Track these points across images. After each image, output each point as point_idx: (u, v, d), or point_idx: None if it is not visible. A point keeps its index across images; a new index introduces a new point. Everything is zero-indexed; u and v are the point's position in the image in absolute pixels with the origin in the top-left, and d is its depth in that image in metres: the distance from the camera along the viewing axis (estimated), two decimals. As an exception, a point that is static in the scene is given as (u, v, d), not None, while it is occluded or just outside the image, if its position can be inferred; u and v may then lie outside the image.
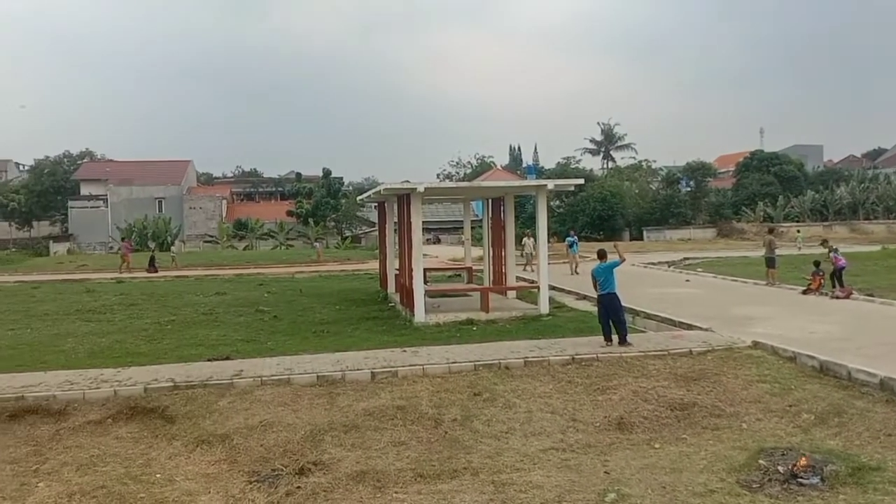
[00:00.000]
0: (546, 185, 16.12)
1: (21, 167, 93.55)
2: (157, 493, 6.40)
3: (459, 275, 24.07)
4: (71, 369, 10.84)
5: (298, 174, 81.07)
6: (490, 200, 19.88)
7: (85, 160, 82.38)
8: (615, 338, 11.50)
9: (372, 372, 10.07)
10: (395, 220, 19.41)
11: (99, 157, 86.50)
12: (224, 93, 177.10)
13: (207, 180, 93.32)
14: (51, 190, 71.42)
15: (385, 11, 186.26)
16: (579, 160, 75.93)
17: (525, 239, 26.28)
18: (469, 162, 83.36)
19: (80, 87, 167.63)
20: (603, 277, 11.78)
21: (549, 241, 17.63)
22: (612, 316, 11.64)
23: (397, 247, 19.32)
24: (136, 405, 8.83)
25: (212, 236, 65.55)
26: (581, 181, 20.99)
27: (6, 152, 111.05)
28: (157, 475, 6.85)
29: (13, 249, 61.48)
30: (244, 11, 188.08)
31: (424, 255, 16.37)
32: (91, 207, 68.20)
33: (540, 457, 7.12)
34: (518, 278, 18.91)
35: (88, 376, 10.21)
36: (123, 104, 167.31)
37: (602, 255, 12.25)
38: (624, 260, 12.15)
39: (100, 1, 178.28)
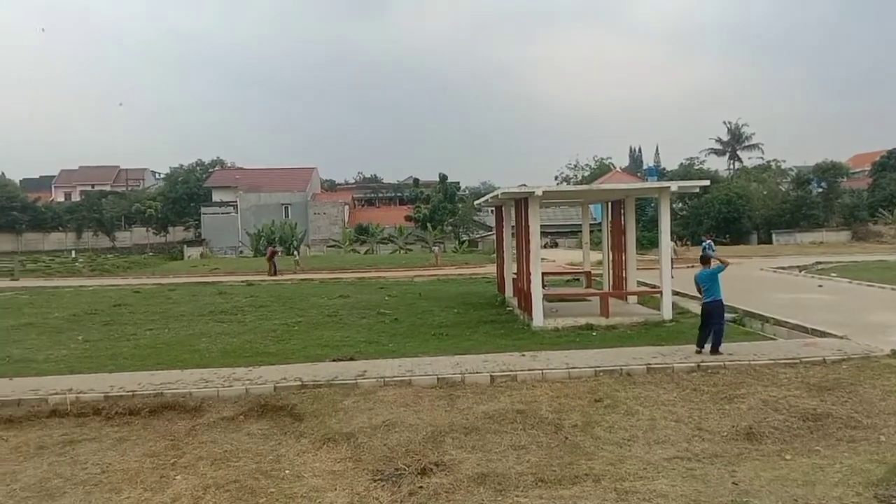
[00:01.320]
0: (669, 188, 15.63)
1: (157, 175, 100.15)
2: (286, 488, 6.64)
3: (578, 279, 23.74)
4: (205, 368, 11.47)
5: (416, 179, 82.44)
6: (610, 203, 19.50)
7: (216, 168, 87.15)
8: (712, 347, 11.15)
9: (491, 375, 10.10)
10: (513, 223, 19.38)
11: (229, 165, 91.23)
12: (346, 102, 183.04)
13: (331, 186, 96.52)
14: (185, 197, 75.81)
15: (500, 14, 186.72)
16: (703, 161, 73.24)
17: (672, 244, 25.37)
18: (587, 164, 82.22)
19: (211, 98, 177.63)
20: (707, 284, 11.33)
21: (676, 245, 17.09)
22: (712, 324, 11.19)
23: (515, 251, 19.29)
24: (267, 403, 9.24)
25: (335, 241, 67.63)
26: (706, 183, 20.27)
27: (144, 162, 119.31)
28: (286, 471, 7.10)
29: (150, 254, 65.85)
30: (360, 19, 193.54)
31: (542, 259, 16.24)
32: (222, 213, 71.94)
33: (664, 465, 6.91)
34: (639, 283, 18.44)
35: (222, 374, 10.78)
36: (252, 114, 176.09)
37: (705, 260, 11.77)
38: (727, 265, 11.63)
39: (228, 21, 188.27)
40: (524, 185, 17.71)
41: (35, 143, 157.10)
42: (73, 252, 65.63)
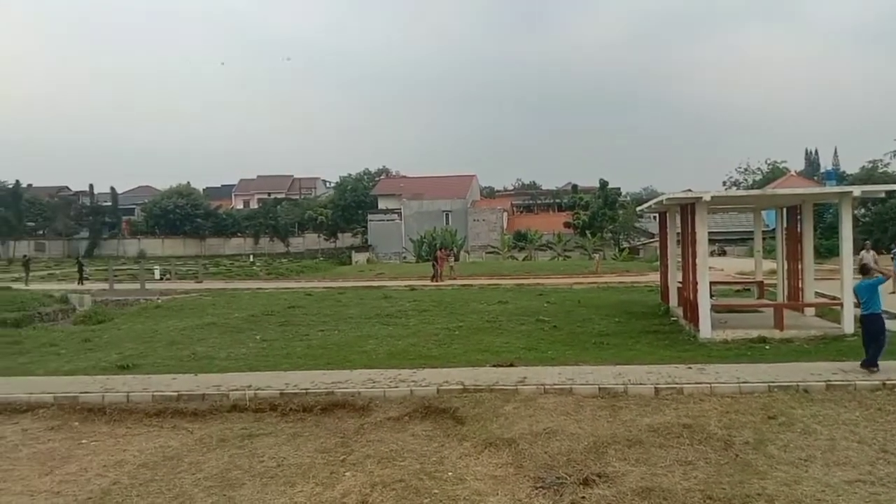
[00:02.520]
0: (851, 192, 14.44)
1: (328, 184, 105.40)
2: (450, 490, 6.72)
3: (749, 289, 22.47)
4: (372, 368, 11.87)
5: (575, 186, 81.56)
6: (784, 209, 18.29)
7: (382, 177, 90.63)
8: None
9: (655, 387, 9.76)
10: (678, 230, 18.65)
11: (394, 173, 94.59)
12: (506, 109, 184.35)
13: (490, 193, 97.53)
14: (353, 204, 79.34)
15: (663, 17, 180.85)
16: (887, 164, 67.02)
17: (863, 252, 23.32)
18: (758, 168, 77.64)
19: (378, 110, 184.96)
20: (866, 297, 10.33)
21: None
22: (870, 338, 10.24)
23: (680, 259, 18.55)
24: (430, 405, 9.43)
25: (493, 247, 68.22)
26: (894, 187, 18.60)
27: (316, 171, 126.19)
28: (450, 473, 7.19)
29: (321, 258, 69.41)
30: (521, 29, 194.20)
31: (710, 267, 15.50)
32: (387, 220, 74.60)
33: (845, 489, 6.36)
34: (817, 293, 17.15)
35: (388, 376, 11.13)
36: (415, 124, 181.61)
37: (865, 270, 10.72)
38: (888, 277, 10.54)
39: (392, 38, 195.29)
40: (690, 190, 17.00)
41: (217, 154, 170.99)
42: (251, 256, 70.66)
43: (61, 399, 10.14)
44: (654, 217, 33.29)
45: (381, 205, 77.41)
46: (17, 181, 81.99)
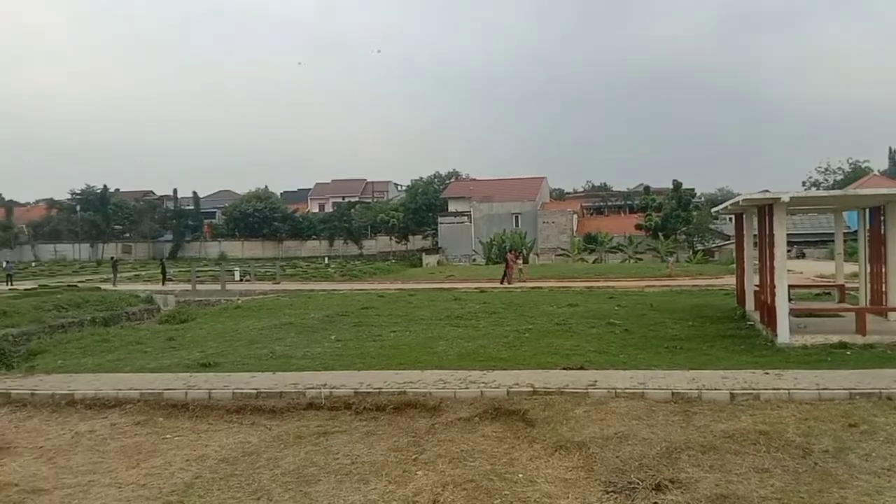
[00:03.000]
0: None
1: (399, 188, 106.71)
2: (520, 492, 6.76)
3: (829, 293, 21.73)
4: (443, 369, 11.97)
5: (647, 187, 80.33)
6: (867, 210, 17.62)
7: (452, 180, 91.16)
8: None
9: (731, 393, 9.57)
10: (755, 232, 18.19)
11: (464, 176, 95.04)
12: (576, 111, 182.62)
13: (559, 195, 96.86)
14: (423, 207, 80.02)
15: (742, 13, 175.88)
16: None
17: None
18: (839, 168, 74.87)
19: (447, 113, 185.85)
20: None
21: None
22: None
23: (756, 261, 18.08)
24: (500, 407, 9.46)
25: (563, 249, 67.70)
26: (983, 188, 17.74)
27: (388, 175, 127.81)
28: (520, 475, 7.22)
29: (393, 260, 70.29)
30: (593, 29, 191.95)
31: (788, 270, 15.07)
32: (457, 223, 74.89)
33: (930, 500, 6.15)
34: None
35: (458, 377, 11.22)
36: (486, 126, 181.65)
37: None
38: None
39: (468, 39, 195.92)
40: (767, 190, 16.53)
41: (294, 159, 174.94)
42: (326, 258, 72.12)
43: (147, 395, 10.58)
44: (730, 219, 32.55)
45: (452, 207, 77.78)
46: (105, 186, 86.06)
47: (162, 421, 9.74)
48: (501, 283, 35.35)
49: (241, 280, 44.42)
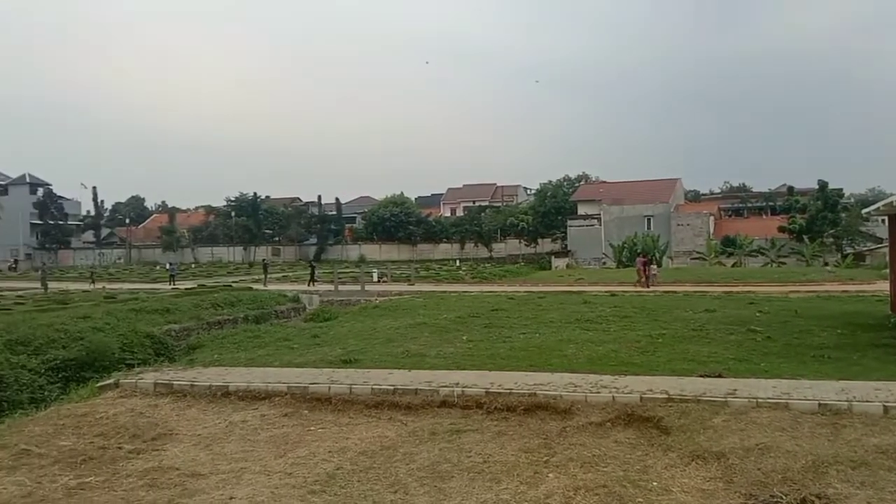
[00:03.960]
0: None
1: (528, 191, 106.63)
2: (654, 500, 6.66)
3: None
4: (573, 373, 11.87)
5: (790, 188, 76.21)
6: None
7: (581, 183, 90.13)
8: None
9: (884, 405, 8.98)
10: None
11: (594, 179, 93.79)
12: (711, 110, 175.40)
13: (694, 197, 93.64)
14: (552, 210, 79.72)
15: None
16: None
17: None
18: None
19: (577, 116, 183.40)
20: None
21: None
22: None
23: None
24: (633, 412, 9.31)
25: (699, 253, 65.32)
26: None
27: (517, 179, 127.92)
28: (654, 483, 7.10)
29: (522, 263, 70.37)
30: (723, 25, 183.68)
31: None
32: (586, 226, 73.98)
33: None
34: None
35: (589, 381, 11.12)
36: (616, 128, 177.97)
37: None
38: None
39: (589, 41, 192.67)
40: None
41: (427, 164, 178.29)
42: (457, 261, 73.21)
43: (294, 388, 11.17)
44: (883, 221, 30.32)
45: (581, 210, 76.88)
46: (255, 193, 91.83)
47: (307, 413, 10.25)
48: (637, 285, 34.70)
49: (378, 281, 45.93)
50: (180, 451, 8.72)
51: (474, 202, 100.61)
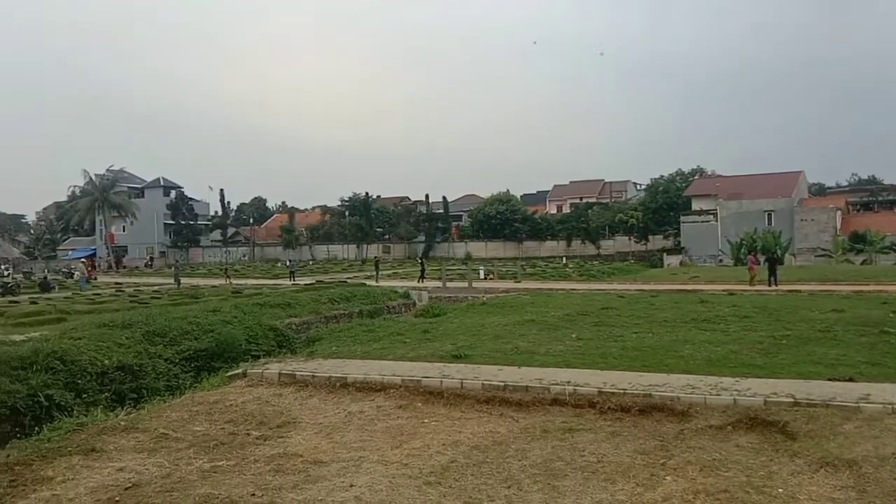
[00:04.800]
0: None
1: (638, 187, 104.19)
2: (780, 507, 6.42)
3: None
4: (690, 374, 11.56)
5: (929, 179, 70.78)
6: None
7: (696, 177, 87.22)
8: None
9: None
10: None
11: (709, 173, 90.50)
12: (837, 99, 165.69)
13: (819, 191, 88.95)
14: (664, 206, 77.55)
15: None
16: None
17: None
18: None
19: (691, 109, 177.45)
20: None
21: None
22: None
23: None
24: (756, 416, 8.96)
25: (824, 249, 61.95)
26: None
27: (626, 174, 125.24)
28: (779, 489, 6.82)
29: (632, 261, 68.93)
30: (845, 12, 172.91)
31: None
32: (701, 222, 71.52)
33: None
34: None
35: (708, 382, 10.80)
36: (731, 121, 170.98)
37: None
38: None
39: (707, 33, 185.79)
40: None
41: (532, 161, 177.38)
42: (564, 258, 72.51)
43: (407, 381, 11.46)
44: None
45: (695, 206, 74.38)
46: (367, 193, 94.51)
47: (420, 406, 10.46)
48: (751, 284, 33.36)
49: (484, 278, 46.17)
50: (303, 438, 9.10)
51: (581, 199, 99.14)
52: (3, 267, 68.11)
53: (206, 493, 7.10)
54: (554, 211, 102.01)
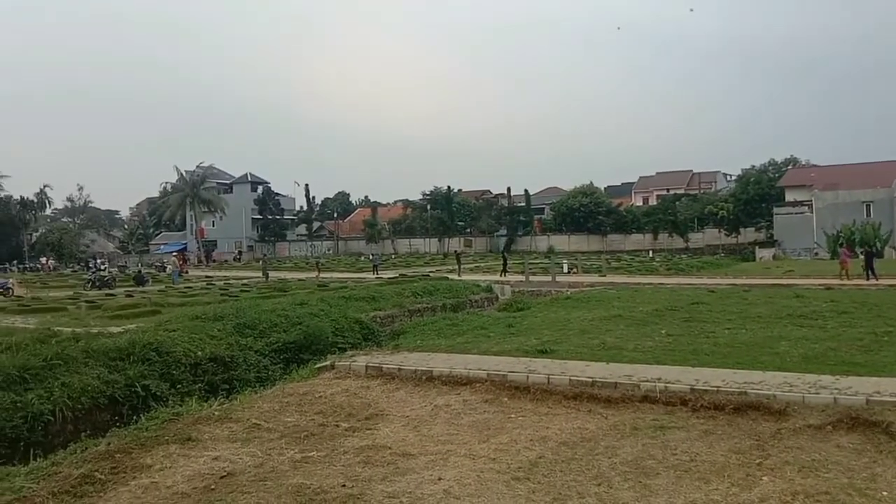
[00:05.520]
0: None
1: (728, 178, 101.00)
2: (885, 510, 6.17)
3: None
4: (787, 371, 11.18)
5: None
6: None
7: (789, 167, 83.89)
8: None
9: None
10: None
11: (803, 163, 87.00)
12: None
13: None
14: (756, 198, 74.82)
15: None
16: None
17: None
18: None
19: (787, 98, 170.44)
20: None
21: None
22: None
23: None
24: (857, 416, 8.59)
25: (930, 242, 58.59)
26: None
27: (716, 165, 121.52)
28: (884, 492, 6.55)
29: (722, 254, 66.90)
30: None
31: None
32: (796, 213, 68.81)
33: None
34: None
35: (806, 380, 10.41)
36: (829, 109, 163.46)
37: None
38: None
39: (797, 20, 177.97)
40: None
41: (618, 152, 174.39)
42: (650, 252, 71.04)
43: (493, 376, 11.45)
44: None
45: (789, 197, 71.57)
46: (449, 187, 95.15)
47: (506, 401, 10.46)
48: (841, 278, 31.97)
49: (568, 272, 45.72)
50: (391, 430, 9.26)
51: (668, 190, 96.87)
52: (99, 261, 71.55)
53: (298, 482, 7.31)
54: (640, 203, 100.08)
